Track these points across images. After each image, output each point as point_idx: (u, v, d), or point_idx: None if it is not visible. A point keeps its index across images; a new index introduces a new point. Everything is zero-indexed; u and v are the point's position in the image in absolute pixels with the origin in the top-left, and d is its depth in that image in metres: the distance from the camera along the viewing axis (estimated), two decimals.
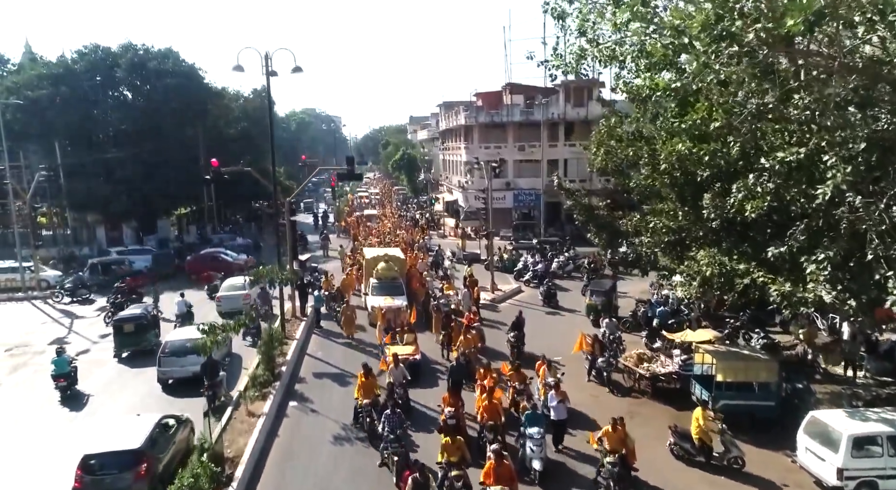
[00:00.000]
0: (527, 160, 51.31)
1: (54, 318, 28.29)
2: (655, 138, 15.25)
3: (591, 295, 25.19)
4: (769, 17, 8.29)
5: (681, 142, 12.12)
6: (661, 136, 14.05)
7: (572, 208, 20.32)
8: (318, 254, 43.28)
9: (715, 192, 13.61)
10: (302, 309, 25.34)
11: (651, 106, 13.34)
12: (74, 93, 40.44)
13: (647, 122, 14.27)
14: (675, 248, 16.21)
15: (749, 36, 8.40)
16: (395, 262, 26.53)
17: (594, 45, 14.78)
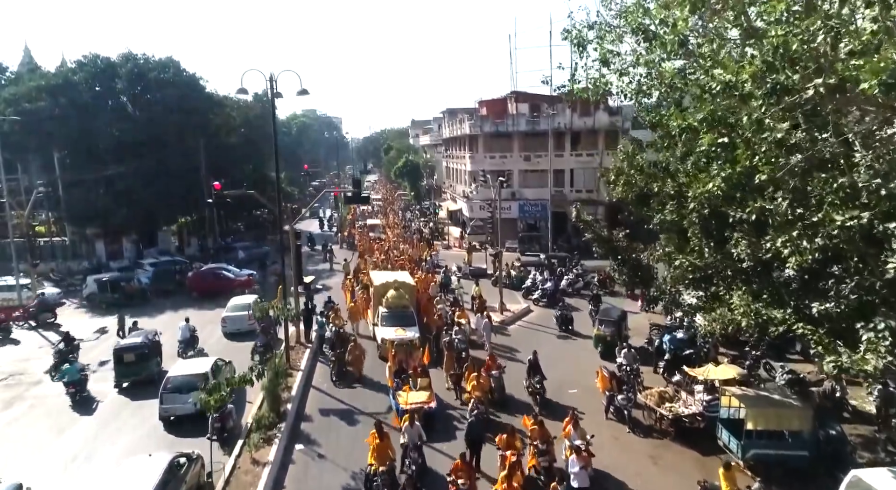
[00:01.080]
0: (532, 170, 50.56)
1: (52, 342, 27.48)
2: (681, 172, 14.48)
3: (599, 325, 24.14)
4: (832, 71, 7.54)
5: (715, 186, 11.36)
6: (690, 174, 13.28)
7: (591, 241, 19.52)
8: (324, 267, 42.55)
9: (746, 230, 12.88)
10: (307, 334, 24.58)
11: (682, 143, 12.59)
12: (73, 104, 39.68)
13: (676, 159, 13.51)
14: (701, 286, 15.45)
15: (809, 92, 7.63)
16: (406, 289, 25.25)
17: (618, 76, 14.06)
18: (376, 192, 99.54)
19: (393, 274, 27.43)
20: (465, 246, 48.14)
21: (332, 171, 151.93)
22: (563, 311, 27.05)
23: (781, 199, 9.52)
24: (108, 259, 42.34)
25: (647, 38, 10.67)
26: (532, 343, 24.97)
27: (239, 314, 27.41)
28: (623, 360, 20.40)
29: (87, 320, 31.16)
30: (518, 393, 19.72)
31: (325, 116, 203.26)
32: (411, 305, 24.82)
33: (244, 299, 28.84)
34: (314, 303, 29.06)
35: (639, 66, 11.51)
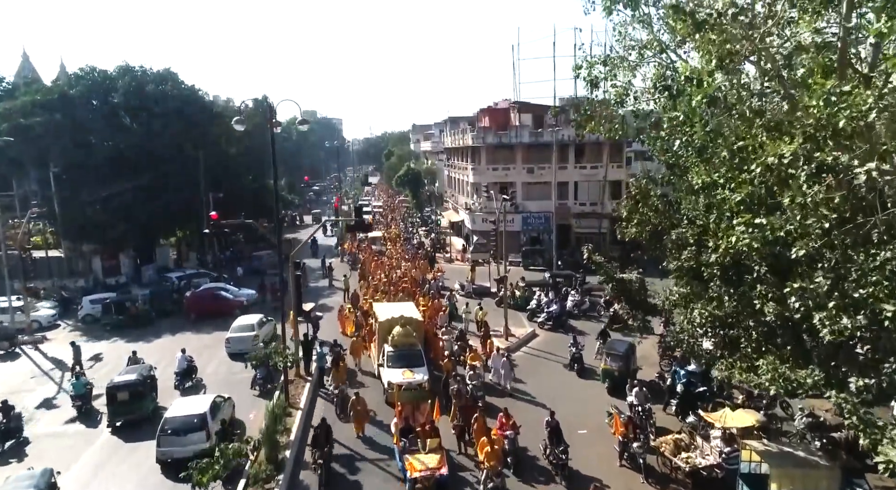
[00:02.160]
0: (536, 182, 49.83)
1: (45, 370, 26.81)
2: (700, 220, 13.71)
3: (606, 358, 23.14)
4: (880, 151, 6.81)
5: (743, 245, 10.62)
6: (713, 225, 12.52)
7: (604, 283, 18.71)
8: (323, 283, 41.80)
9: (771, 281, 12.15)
10: (306, 367, 23.83)
11: (704, 195, 11.84)
12: (69, 119, 38.94)
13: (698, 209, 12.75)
14: (720, 334, 14.68)
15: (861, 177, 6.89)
16: (413, 325, 23.36)
17: (635, 118, 13.32)
18: (377, 199, 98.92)
19: (398, 307, 25.68)
20: (467, 258, 47.48)
21: (333, 173, 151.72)
22: (574, 355, 24.62)
23: (822, 278, 8.77)
24: (104, 276, 41.58)
25: (671, 96, 9.91)
26: (539, 374, 24.34)
27: (243, 335, 27.46)
28: (634, 399, 19.63)
29: (82, 344, 30.04)
30: (531, 444, 18.26)
31: (325, 119, 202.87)
32: (419, 342, 23.27)
33: (249, 319, 28.86)
34: (316, 331, 28.55)
35: (661, 117, 10.76)
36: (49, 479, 15.73)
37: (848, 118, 7.12)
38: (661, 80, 10.11)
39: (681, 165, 13.70)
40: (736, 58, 9.64)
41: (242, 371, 24.77)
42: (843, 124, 7.19)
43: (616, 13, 13.28)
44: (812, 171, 7.36)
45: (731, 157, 9.62)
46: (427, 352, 23.74)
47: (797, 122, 7.86)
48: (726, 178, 10.54)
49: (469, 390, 19.91)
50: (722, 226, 12.28)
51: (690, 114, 9.66)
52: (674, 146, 11.64)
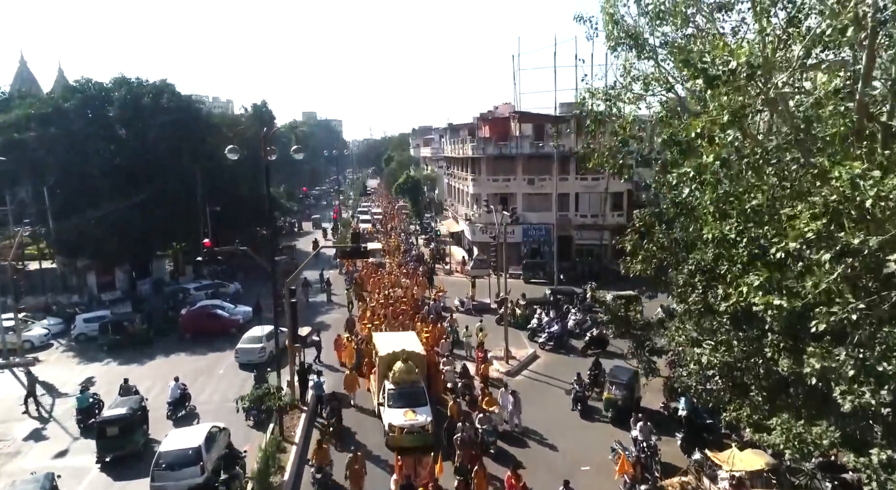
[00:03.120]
0: (536, 194, 49.28)
1: (36, 396, 26.15)
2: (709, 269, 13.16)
3: (609, 387, 22.45)
4: None
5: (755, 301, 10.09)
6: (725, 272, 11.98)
7: (609, 323, 18.15)
8: (321, 298, 41.20)
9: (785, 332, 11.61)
10: (302, 396, 23.25)
11: (714, 246, 11.29)
12: (64, 132, 38.42)
13: (706, 259, 12.20)
14: (727, 378, 14.14)
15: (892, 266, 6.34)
16: (415, 359, 21.81)
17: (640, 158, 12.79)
18: (377, 204, 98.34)
19: (399, 338, 24.07)
20: (467, 270, 46.91)
21: (333, 176, 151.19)
22: (577, 394, 22.92)
23: (845, 356, 8.21)
24: (99, 291, 41.02)
25: (682, 151, 9.36)
26: (540, 404, 23.64)
27: (252, 346, 28.35)
28: (639, 433, 19.06)
29: (74, 367, 29.83)
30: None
31: (325, 121, 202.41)
32: (422, 378, 21.84)
33: (257, 332, 29.30)
34: (319, 353, 28.26)
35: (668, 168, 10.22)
36: (52, 482, 17.00)
37: (875, 197, 6.57)
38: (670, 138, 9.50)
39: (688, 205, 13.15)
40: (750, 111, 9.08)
41: (237, 398, 24.23)
42: (870, 204, 6.64)
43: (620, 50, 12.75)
44: (835, 254, 6.82)
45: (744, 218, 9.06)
46: (430, 386, 22.63)
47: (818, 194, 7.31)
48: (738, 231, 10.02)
49: (480, 436, 18.78)
50: (733, 273, 11.78)
51: (702, 172, 9.11)
52: (683, 193, 11.08)
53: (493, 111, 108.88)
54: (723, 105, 9.12)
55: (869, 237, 6.74)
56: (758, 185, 9.03)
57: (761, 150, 8.76)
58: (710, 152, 8.94)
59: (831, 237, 6.90)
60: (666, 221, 15.91)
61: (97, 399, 23.62)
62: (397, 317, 29.59)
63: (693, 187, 11.08)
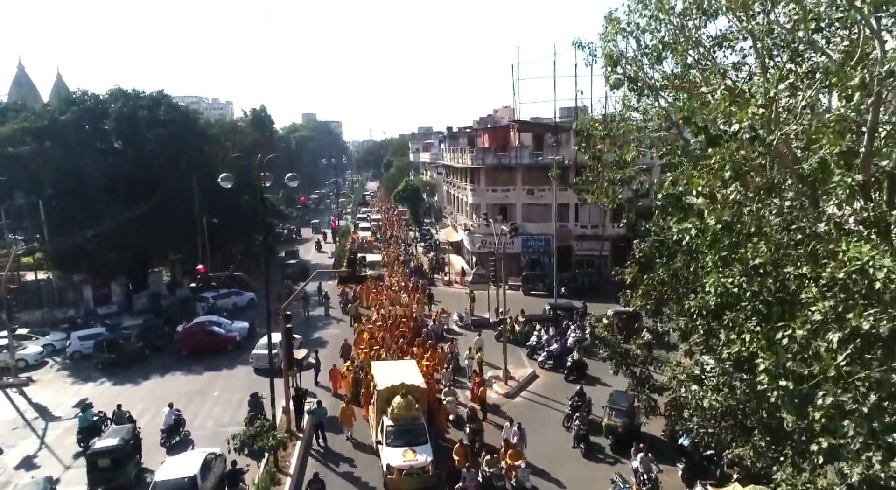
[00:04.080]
0: (536, 204, 48.96)
1: (28, 420, 25.88)
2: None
3: (609, 413, 21.92)
4: None
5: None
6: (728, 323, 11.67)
7: (608, 358, 17.76)
8: (319, 312, 40.85)
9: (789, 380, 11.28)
10: (297, 423, 22.91)
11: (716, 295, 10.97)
12: (60, 146, 38.12)
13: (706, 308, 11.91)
14: (729, 422, 13.80)
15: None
16: (415, 393, 20.69)
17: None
18: (376, 208, 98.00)
19: (398, 369, 22.90)
20: (466, 282, 46.54)
21: (332, 179, 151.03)
22: (580, 430, 21.68)
23: (853, 432, 7.88)
24: (96, 304, 40.72)
25: (682, 208, 9.03)
26: (540, 429, 23.18)
27: (265, 352, 26.81)
28: (639, 465, 18.69)
29: (68, 387, 29.49)
30: None
31: (324, 123, 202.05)
32: (422, 413, 20.71)
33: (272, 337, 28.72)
34: (317, 375, 27.94)
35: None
36: (52, 485, 18.45)
37: (885, 281, 6.25)
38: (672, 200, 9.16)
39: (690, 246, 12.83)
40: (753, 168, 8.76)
41: (231, 424, 23.92)
42: (880, 286, 6.32)
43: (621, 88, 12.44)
44: (844, 337, 6.50)
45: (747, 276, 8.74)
46: (431, 421, 21.70)
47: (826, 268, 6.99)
48: (740, 284, 9.71)
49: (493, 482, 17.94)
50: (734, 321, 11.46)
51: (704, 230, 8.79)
52: (683, 241, 10.75)
53: (493, 114, 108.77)
54: (725, 158, 8.83)
55: (879, 320, 6.41)
56: (761, 244, 8.71)
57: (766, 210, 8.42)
58: (712, 212, 8.63)
59: (839, 319, 6.57)
60: (667, 255, 15.59)
61: (102, 417, 23.37)
62: (396, 340, 28.92)
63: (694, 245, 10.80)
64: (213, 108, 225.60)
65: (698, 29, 12.10)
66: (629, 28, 12.06)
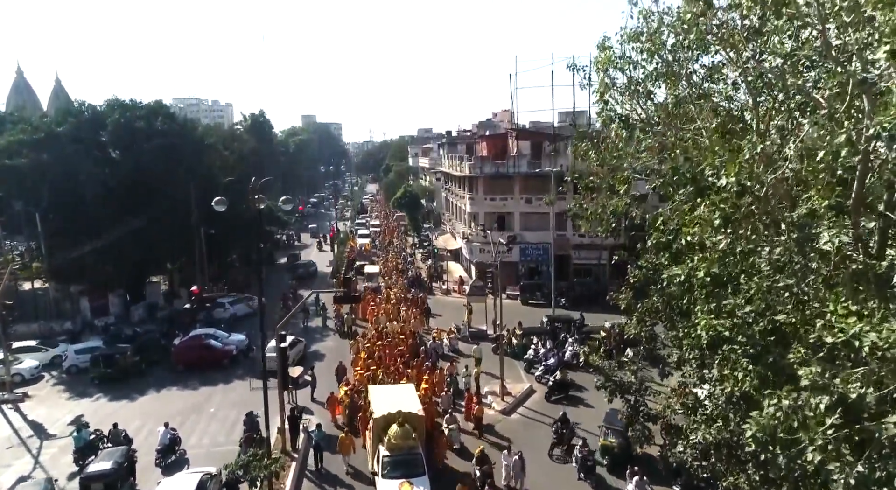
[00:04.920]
0: (534, 213, 48.87)
1: (23, 438, 25.77)
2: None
3: (605, 433, 21.79)
4: None
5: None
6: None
7: (602, 386, 17.65)
8: (316, 323, 40.74)
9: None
10: (293, 442, 22.84)
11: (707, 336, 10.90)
12: (57, 158, 38.05)
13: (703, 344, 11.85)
14: (723, 455, 13.71)
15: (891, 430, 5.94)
16: (413, 421, 19.99)
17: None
18: (375, 213, 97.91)
19: (396, 395, 22.04)
20: (465, 291, 46.43)
21: (331, 180, 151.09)
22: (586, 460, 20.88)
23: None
24: (93, 316, 40.65)
25: (672, 255, 8.97)
26: (536, 450, 22.99)
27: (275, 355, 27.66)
28: (634, 488, 18.63)
29: (64, 403, 29.38)
30: None
31: (324, 125, 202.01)
32: (420, 442, 20.03)
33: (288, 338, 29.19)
34: (313, 392, 27.86)
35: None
36: (52, 486, 19.64)
37: (871, 346, 6.17)
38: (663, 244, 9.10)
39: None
40: (743, 215, 8.68)
41: (227, 443, 23.88)
42: (867, 352, 6.24)
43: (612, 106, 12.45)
44: (830, 404, 6.41)
45: (737, 326, 8.68)
46: (430, 451, 21.08)
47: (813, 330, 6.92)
48: (730, 329, 9.65)
49: None
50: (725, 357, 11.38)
51: (692, 277, 8.72)
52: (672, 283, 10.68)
53: (493, 118, 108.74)
54: (715, 204, 8.75)
55: (865, 386, 6.34)
56: (751, 292, 8.64)
57: (755, 257, 8.35)
58: (701, 261, 8.56)
59: (826, 386, 6.49)
60: (661, 283, 15.53)
61: (98, 436, 23.31)
62: (394, 360, 28.42)
63: (683, 290, 10.75)
64: (212, 109, 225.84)
65: (689, 61, 12.05)
66: (621, 62, 12.00)
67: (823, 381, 6.46)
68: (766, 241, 8.49)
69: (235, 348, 33.99)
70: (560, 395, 27.69)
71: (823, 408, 6.54)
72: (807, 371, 6.60)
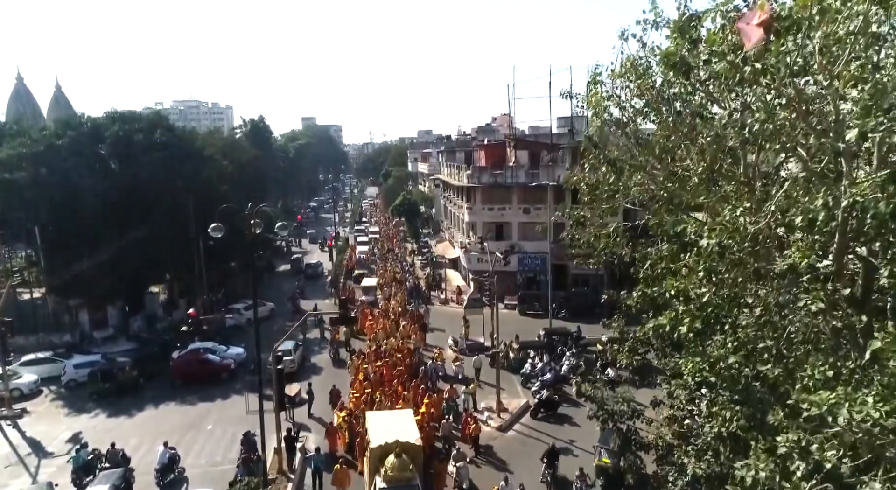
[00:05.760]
0: (532, 222, 48.97)
1: (21, 456, 25.87)
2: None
3: (600, 453, 21.72)
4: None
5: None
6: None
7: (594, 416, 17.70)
8: (314, 334, 40.84)
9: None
10: (289, 463, 22.97)
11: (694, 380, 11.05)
12: (56, 172, 38.18)
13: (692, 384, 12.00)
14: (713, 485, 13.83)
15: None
16: (410, 452, 19.45)
17: None
18: (375, 221, 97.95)
19: (393, 423, 21.46)
20: (463, 300, 46.51)
21: (331, 183, 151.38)
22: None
23: None
24: (91, 328, 40.78)
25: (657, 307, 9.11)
26: (530, 466, 23.12)
27: (285, 359, 28.28)
28: None
29: (62, 419, 29.46)
30: None
31: (324, 127, 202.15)
32: (417, 474, 19.46)
33: (287, 345, 31.02)
34: (310, 408, 27.91)
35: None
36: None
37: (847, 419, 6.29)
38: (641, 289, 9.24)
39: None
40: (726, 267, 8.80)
41: (224, 462, 24.01)
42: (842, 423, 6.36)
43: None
44: (807, 472, 6.54)
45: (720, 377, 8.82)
46: (428, 481, 20.73)
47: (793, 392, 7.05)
48: (717, 373, 9.79)
49: None
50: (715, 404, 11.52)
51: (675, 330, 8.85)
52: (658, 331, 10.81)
53: (493, 122, 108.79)
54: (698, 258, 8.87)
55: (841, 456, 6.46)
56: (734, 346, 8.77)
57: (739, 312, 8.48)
58: (685, 315, 8.69)
59: (803, 452, 6.62)
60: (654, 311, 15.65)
61: (97, 455, 23.43)
62: (391, 381, 28.00)
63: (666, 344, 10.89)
64: (212, 112, 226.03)
65: (676, 99, 12.18)
66: (610, 103, 12.15)
67: (800, 449, 6.58)
68: (749, 293, 8.62)
69: (234, 362, 34.12)
70: (546, 413, 27.69)
71: (800, 474, 6.66)
72: (784, 438, 6.72)
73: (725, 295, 9.12)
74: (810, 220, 7.19)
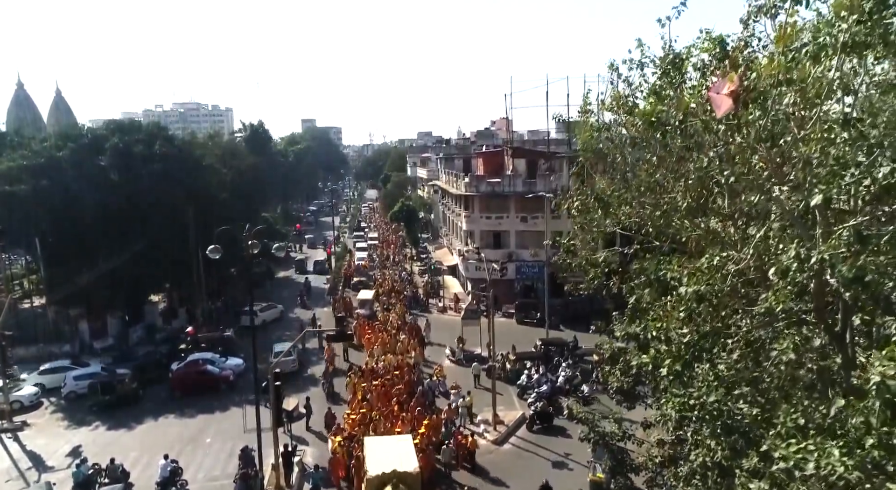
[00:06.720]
0: (529, 231, 49.28)
1: (22, 470, 26.10)
2: None
3: (594, 468, 21.75)
4: None
5: None
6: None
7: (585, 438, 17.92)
8: (312, 344, 41.03)
9: None
10: (287, 479, 23.21)
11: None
12: (56, 184, 38.50)
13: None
14: None
15: None
16: (408, 482, 19.03)
17: None
18: (375, 226, 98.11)
19: (391, 448, 21.05)
20: (461, 308, 46.74)
21: (331, 185, 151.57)
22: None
23: None
24: (91, 338, 41.03)
25: (640, 346, 9.37)
26: (526, 481, 23.26)
27: (284, 360, 29.57)
28: None
29: (62, 432, 29.66)
30: None
31: (324, 129, 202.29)
32: None
33: (286, 346, 31.85)
34: (308, 420, 28.13)
35: None
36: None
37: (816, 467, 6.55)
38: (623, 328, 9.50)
39: None
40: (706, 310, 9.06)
41: (222, 476, 24.25)
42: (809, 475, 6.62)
43: None
44: None
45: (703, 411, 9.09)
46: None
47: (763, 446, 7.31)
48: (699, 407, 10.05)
49: None
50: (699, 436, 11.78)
51: (657, 367, 9.12)
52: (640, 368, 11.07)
53: (491, 126, 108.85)
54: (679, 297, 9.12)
55: None
56: (714, 383, 9.03)
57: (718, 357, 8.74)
58: (667, 354, 8.95)
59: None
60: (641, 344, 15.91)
61: (97, 470, 23.68)
62: (389, 400, 27.50)
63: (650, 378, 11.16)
64: (212, 114, 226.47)
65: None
66: (599, 134, 12.45)
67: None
68: (730, 330, 8.88)
69: (232, 373, 34.34)
70: (542, 425, 27.90)
71: None
72: (756, 486, 6.97)
73: (706, 331, 9.41)
74: (783, 272, 7.45)
